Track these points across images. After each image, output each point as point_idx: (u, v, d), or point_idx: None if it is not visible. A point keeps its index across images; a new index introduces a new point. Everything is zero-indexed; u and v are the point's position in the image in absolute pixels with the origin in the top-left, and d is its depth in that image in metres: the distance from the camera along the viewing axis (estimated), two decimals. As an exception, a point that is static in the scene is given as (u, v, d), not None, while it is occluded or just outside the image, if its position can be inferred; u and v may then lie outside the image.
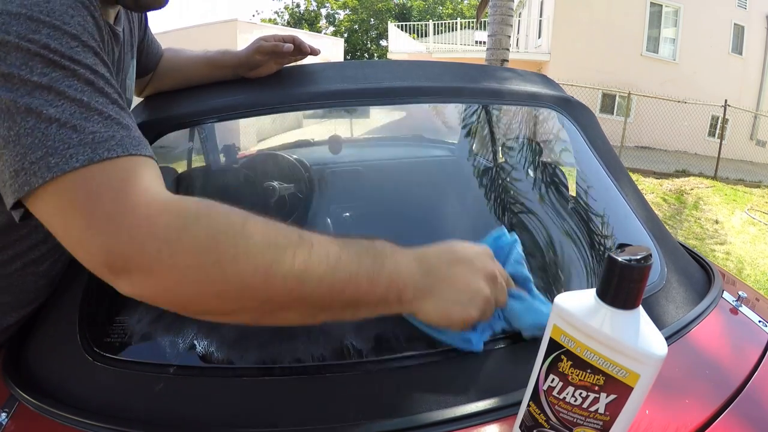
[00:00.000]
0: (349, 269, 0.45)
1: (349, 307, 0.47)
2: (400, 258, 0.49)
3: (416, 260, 0.51)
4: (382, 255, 0.48)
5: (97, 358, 0.65)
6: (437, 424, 0.56)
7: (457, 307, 0.51)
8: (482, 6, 6.48)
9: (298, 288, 0.43)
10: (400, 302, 0.49)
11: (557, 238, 0.92)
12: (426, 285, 0.50)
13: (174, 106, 0.97)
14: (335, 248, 0.46)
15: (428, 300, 0.50)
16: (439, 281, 0.50)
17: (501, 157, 1.18)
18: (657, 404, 0.59)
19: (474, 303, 0.51)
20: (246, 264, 0.42)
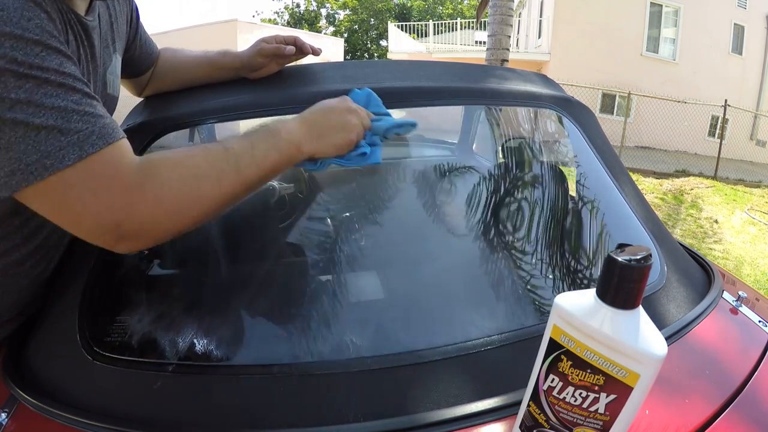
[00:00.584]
0: (263, 149, 0.65)
1: (272, 170, 0.66)
2: (290, 126, 0.69)
3: (300, 121, 0.70)
4: (278, 130, 0.67)
5: (97, 358, 0.65)
6: (437, 424, 0.56)
7: (339, 136, 0.71)
8: (482, 6, 6.47)
9: (241, 181, 0.62)
10: (301, 151, 0.68)
11: (557, 238, 0.92)
12: (313, 133, 0.70)
13: (174, 106, 0.97)
14: (249, 142, 0.64)
15: (319, 141, 0.70)
16: (320, 127, 0.70)
17: (501, 157, 1.18)
18: (657, 404, 0.59)
19: (348, 129, 0.72)
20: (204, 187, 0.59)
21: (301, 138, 0.68)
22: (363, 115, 0.76)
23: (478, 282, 0.87)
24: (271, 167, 0.65)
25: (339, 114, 0.72)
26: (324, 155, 0.71)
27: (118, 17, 0.85)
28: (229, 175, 0.61)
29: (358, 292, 0.85)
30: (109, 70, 0.82)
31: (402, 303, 0.84)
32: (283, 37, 0.94)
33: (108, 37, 0.81)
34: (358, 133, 0.73)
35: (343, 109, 0.73)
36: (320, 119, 0.71)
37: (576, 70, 10.93)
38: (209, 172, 0.60)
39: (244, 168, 0.62)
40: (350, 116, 0.73)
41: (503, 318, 0.79)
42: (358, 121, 0.73)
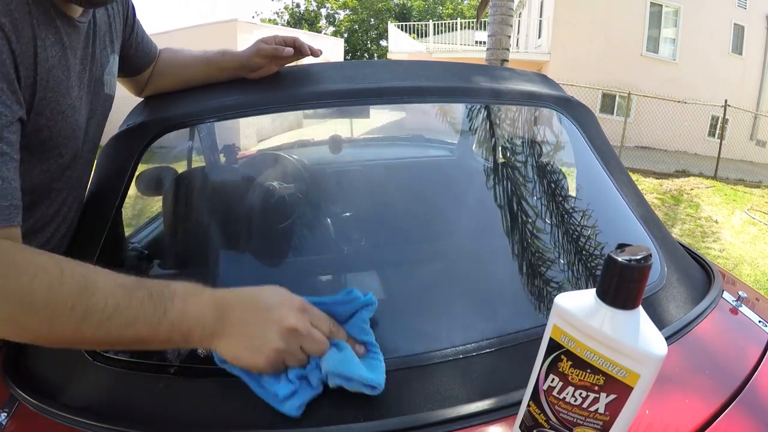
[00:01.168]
0: (125, 317, 0.49)
1: (136, 343, 0.52)
2: (192, 302, 0.53)
3: (213, 304, 0.54)
4: (171, 300, 0.52)
5: (97, 358, 0.65)
6: (437, 424, 0.56)
7: (246, 353, 0.53)
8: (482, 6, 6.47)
9: (78, 334, 0.49)
10: (188, 342, 0.53)
11: (557, 238, 0.92)
12: (216, 328, 0.53)
13: (174, 106, 0.97)
14: (116, 298, 0.49)
15: (220, 341, 0.53)
16: (230, 325, 0.53)
17: (501, 157, 1.18)
18: (657, 404, 0.59)
19: (261, 351, 0.53)
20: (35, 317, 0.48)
21: (195, 328, 0.52)
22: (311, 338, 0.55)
23: (477, 283, 0.87)
24: (132, 340, 0.51)
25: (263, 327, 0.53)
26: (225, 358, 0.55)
27: (116, 18, 0.86)
28: (65, 324, 0.48)
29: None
30: (107, 70, 0.83)
31: (401, 304, 0.84)
32: (282, 38, 0.93)
33: (106, 38, 0.81)
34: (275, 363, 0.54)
35: (277, 319, 0.54)
36: (236, 317, 0.54)
37: (576, 70, 10.93)
38: (42, 308, 0.48)
39: (88, 325, 0.49)
40: (278, 339, 0.53)
41: (503, 319, 0.79)
42: (288, 347, 0.54)
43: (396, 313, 0.81)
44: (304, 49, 0.94)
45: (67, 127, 0.69)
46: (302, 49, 0.94)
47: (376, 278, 0.86)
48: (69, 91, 0.68)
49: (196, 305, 0.53)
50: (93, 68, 0.76)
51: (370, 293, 0.64)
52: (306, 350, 0.56)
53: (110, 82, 0.85)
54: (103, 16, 0.79)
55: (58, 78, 0.65)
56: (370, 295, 0.63)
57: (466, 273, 0.90)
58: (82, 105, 0.74)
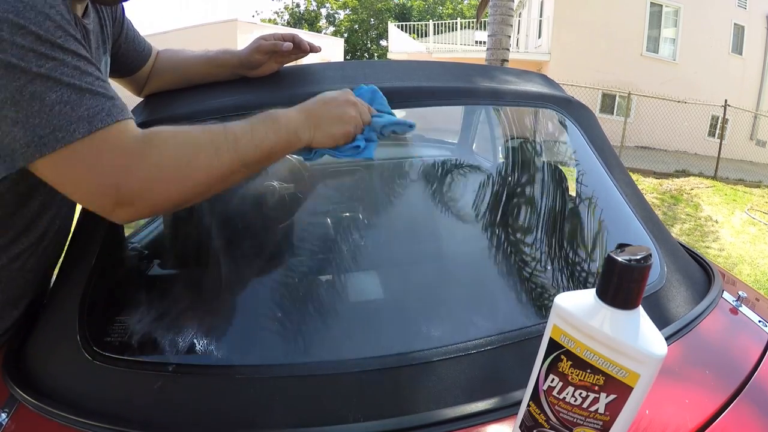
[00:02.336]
0: (261, 133, 0.67)
1: (269, 153, 0.68)
2: (290, 113, 0.71)
3: (300, 110, 0.72)
4: (277, 117, 0.69)
5: (97, 358, 0.65)
6: (437, 424, 0.56)
7: (336, 127, 0.73)
8: (482, 6, 6.47)
9: (236, 155, 0.64)
10: (299, 138, 0.70)
11: (557, 238, 0.92)
12: (311, 122, 0.71)
13: (174, 106, 0.97)
14: (249, 125, 0.67)
15: (317, 131, 0.72)
16: (318, 117, 0.72)
17: (501, 157, 1.18)
18: (657, 404, 0.59)
19: (345, 121, 0.73)
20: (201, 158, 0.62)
21: (299, 126, 0.70)
22: (363, 109, 0.77)
23: (477, 282, 0.87)
24: (269, 150, 0.67)
25: (338, 105, 0.73)
26: (320, 145, 0.73)
27: (107, 20, 0.90)
28: (227, 151, 0.63)
29: (358, 292, 0.85)
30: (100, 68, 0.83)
31: (402, 303, 0.84)
32: (282, 35, 0.93)
33: (99, 40, 0.86)
34: (356, 126, 0.75)
35: (343, 101, 0.74)
36: (319, 109, 0.73)
37: (576, 70, 10.93)
38: (208, 145, 0.63)
39: (242, 147, 0.64)
40: (349, 108, 0.74)
41: (503, 318, 0.79)
42: (357, 114, 0.75)
43: (396, 312, 0.81)
44: (303, 45, 0.94)
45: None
46: (301, 45, 0.94)
47: (376, 277, 0.86)
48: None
49: (294, 114, 0.71)
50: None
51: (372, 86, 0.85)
52: (364, 119, 0.76)
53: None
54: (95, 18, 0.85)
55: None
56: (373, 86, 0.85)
57: (467, 272, 0.90)
58: None
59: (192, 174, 0.62)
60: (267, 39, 0.93)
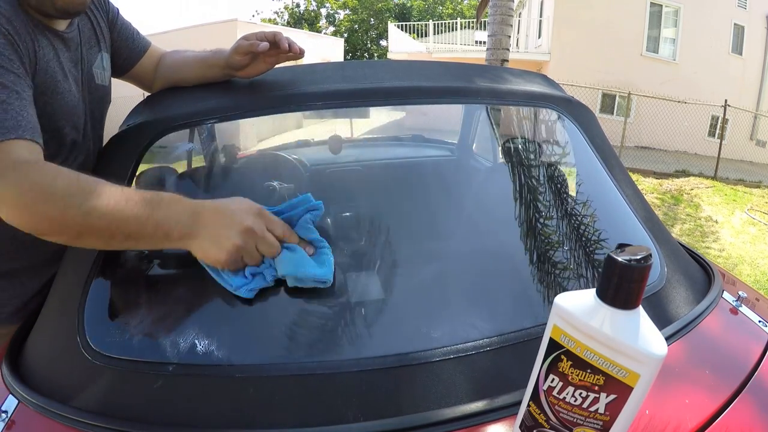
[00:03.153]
0: (123, 214, 0.62)
1: (129, 239, 0.64)
2: (174, 208, 0.65)
3: (190, 210, 0.66)
4: (158, 204, 0.64)
5: (97, 358, 0.65)
6: (437, 424, 0.56)
7: (212, 249, 0.65)
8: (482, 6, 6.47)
9: (85, 221, 0.62)
10: (169, 239, 0.65)
11: (557, 238, 0.92)
12: (191, 229, 0.64)
13: (174, 106, 0.98)
14: (117, 199, 0.63)
15: (193, 241, 0.65)
16: (201, 227, 0.65)
17: (501, 157, 1.18)
18: (657, 404, 0.59)
19: (224, 247, 0.64)
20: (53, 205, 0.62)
21: (173, 228, 0.64)
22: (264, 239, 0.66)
23: (477, 282, 0.87)
24: (125, 235, 0.63)
25: (227, 226, 0.65)
26: (195, 255, 0.66)
27: (100, 23, 1.00)
28: (75, 214, 0.61)
29: (358, 292, 0.85)
30: (95, 65, 0.96)
31: (402, 303, 0.84)
32: (264, 34, 0.92)
33: (92, 39, 0.96)
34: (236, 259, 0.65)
35: (236, 223, 0.65)
36: (207, 219, 0.65)
37: (576, 70, 10.93)
38: (59, 198, 0.61)
39: (93, 218, 0.61)
40: (237, 236, 0.65)
41: (503, 318, 0.79)
42: (245, 245, 0.65)
43: (396, 312, 0.81)
44: (282, 44, 0.90)
45: (66, 105, 0.85)
46: (280, 44, 0.90)
47: (376, 277, 0.86)
48: (65, 78, 0.86)
49: (177, 210, 0.65)
50: (83, 66, 0.93)
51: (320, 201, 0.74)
52: (261, 251, 0.66)
53: (101, 75, 0.98)
54: (86, 24, 0.95)
55: (55, 69, 0.82)
56: (320, 202, 0.74)
57: (467, 272, 0.90)
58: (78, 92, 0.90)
59: (32, 216, 0.62)
60: (248, 38, 0.92)
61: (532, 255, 0.89)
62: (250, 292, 0.65)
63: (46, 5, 0.79)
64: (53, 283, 0.80)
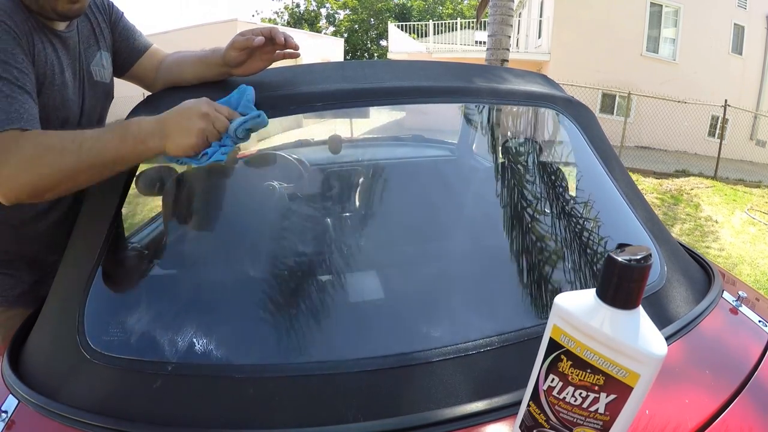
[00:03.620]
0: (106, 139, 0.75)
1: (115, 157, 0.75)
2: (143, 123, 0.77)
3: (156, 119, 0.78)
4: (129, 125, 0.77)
5: (97, 357, 0.65)
6: (437, 424, 0.56)
7: (182, 139, 0.76)
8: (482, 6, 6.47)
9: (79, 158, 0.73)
10: (147, 148, 0.76)
11: (557, 238, 0.92)
12: (161, 131, 0.76)
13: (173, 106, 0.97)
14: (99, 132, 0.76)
15: (166, 139, 0.76)
16: (168, 127, 0.77)
17: (501, 157, 1.18)
18: (657, 404, 0.59)
19: (191, 132, 0.76)
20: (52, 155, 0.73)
21: (148, 135, 0.76)
22: (218, 118, 0.79)
23: (477, 282, 0.87)
24: (114, 155, 0.75)
25: (188, 118, 0.77)
26: (172, 153, 0.77)
27: (100, 23, 1.04)
28: (71, 153, 0.73)
29: (358, 292, 0.85)
30: (94, 62, 1.01)
31: (402, 303, 0.84)
32: (260, 29, 0.92)
33: (91, 38, 1.01)
34: (202, 138, 0.77)
35: (194, 113, 0.78)
36: (170, 120, 0.78)
37: (576, 70, 10.92)
38: (55, 146, 0.73)
39: (84, 151, 0.73)
40: (198, 120, 0.77)
41: (503, 318, 0.79)
42: (206, 126, 0.77)
43: (396, 312, 0.81)
44: (279, 38, 0.92)
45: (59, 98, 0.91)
46: (276, 38, 0.92)
47: (376, 277, 0.86)
48: (62, 73, 0.91)
49: (147, 123, 0.77)
50: (81, 63, 0.98)
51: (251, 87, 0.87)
52: (217, 127, 0.79)
53: (100, 72, 1.03)
54: (86, 25, 1.00)
55: (52, 62, 0.88)
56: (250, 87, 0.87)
57: (467, 272, 0.90)
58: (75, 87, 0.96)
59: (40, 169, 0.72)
60: (244, 34, 0.92)
61: (532, 255, 0.89)
62: (223, 155, 0.78)
63: (47, 10, 0.85)
64: (53, 282, 0.80)
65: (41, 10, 0.85)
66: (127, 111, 1.03)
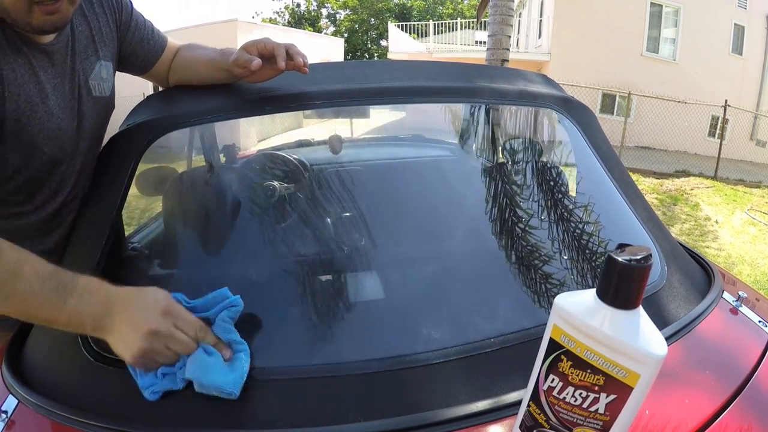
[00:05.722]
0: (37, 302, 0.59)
1: (47, 323, 0.61)
2: (87, 300, 0.61)
3: (104, 302, 0.61)
4: (71, 293, 0.60)
5: (97, 358, 0.65)
6: (437, 424, 0.56)
7: (121, 348, 0.60)
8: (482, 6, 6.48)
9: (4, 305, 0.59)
10: (84, 331, 0.62)
11: (557, 238, 0.92)
12: (104, 323, 0.61)
13: (174, 106, 0.98)
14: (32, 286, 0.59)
15: (107, 335, 0.61)
16: (113, 323, 0.61)
17: (501, 157, 1.18)
18: (657, 404, 0.59)
19: (130, 349, 0.60)
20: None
21: (86, 320, 0.60)
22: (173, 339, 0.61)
23: (477, 283, 0.87)
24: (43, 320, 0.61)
25: (134, 325, 0.60)
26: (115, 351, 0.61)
27: (102, 28, 0.92)
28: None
29: (359, 293, 0.85)
30: (92, 77, 0.89)
31: (402, 305, 0.84)
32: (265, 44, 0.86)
33: (88, 50, 0.88)
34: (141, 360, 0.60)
35: (143, 322, 0.60)
36: (118, 315, 0.61)
37: (576, 70, 10.92)
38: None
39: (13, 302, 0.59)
40: (142, 336, 0.60)
41: (503, 319, 0.79)
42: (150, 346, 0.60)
43: (396, 312, 0.81)
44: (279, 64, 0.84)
45: (46, 129, 0.79)
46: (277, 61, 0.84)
47: (376, 278, 0.86)
48: (45, 101, 0.78)
49: (90, 303, 0.61)
50: (74, 78, 0.85)
51: (237, 296, 0.66)
52: (173, 350, 0.61)
53: (100, 86, 0.91)
54: (84, 30, 0.87)
55: (31, 92, 0.75)
56: (237, 297, 0.66)
57: (467, 273, 0.90)
58: (65, 110, 0.84)
59: None
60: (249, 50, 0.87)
61: (533, 255, 0.89)
62: (154, 394, 0.60)
63: (21, 25, 0.72)
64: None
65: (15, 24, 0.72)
66: (126, 111, 1.03)
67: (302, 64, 0.85)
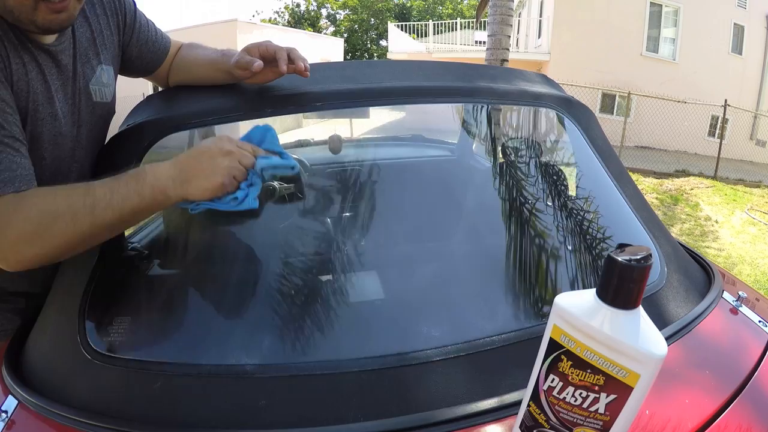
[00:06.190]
0: (121, 195, 0.67)
1: (133, 214, 0.68)
2: (159, 170, 0.69)
3: (173, 164, 0.70)
4: (144, 175, 0.68)
5: (97, 357, 0.65)
6: (437, 424, 0.56)
7: (208, 182, 0.69)
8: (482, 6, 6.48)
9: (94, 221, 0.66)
10: (168, 196, 0.69)
11: (557, 238, 0.92)
12: (181, 177, 0.69)
13: (174, 106, 0.98)
14: (110, 186, 0.67)
15: (187, 186, 0.69)
16: (189, 170, 0.69)
17: (501, 157, 1.18)
18: (657, 404, 0.59)
19: (217, 173, 0.69)
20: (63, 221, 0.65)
21: (168, 183, 0.68)
22: (242, 155, 0.72)
23: (477, 282, 0.87)
24: (131, 211, 0.68)
25: (210, 158, 0.70)
26: (196, 199, 0.70)
27: (103, 31, 0.89)
28: (85, 215, 0.65)
29: (359, 292, 0.85)
30: (93, 81, 0.87)
31: (402, 303, 0.84)
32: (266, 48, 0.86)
33: (89, 53, 0.86)
34: (230, 177, 0.70)
35: (216, 152, 0.70)
36: (191, 163, 0.70)
37: (576, 70, 10.92)
38: (65, 213, 0.65)
39: (99, 212, 0.66)
40: (222, 159, 0.70)
41: (503, 318, 0.79)
42: (232, 164, 0.70)
43: (396, 312, 0.81)
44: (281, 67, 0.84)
45: (47, 133, 0.78)
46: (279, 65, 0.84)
47: (376, 278, 0.86)
48: (50, 101, 0.77)
49: (162, 169, 0.69)
50: (76, 82, 0.83)
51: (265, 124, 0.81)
52: (243, 164, 0.72)
53: (100, 91, 0.89)
54: (85, 32, 0.85)
55: (38, 90, 0.75)
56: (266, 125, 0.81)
57: (467, 272, 0.90)
58: (66, 115, 0.82)
59: (51, 240, 0.65)
60: (251, 52, 0.87)
61: (533, 255, 0.89)
62: (255, 200, 0.72)
63: (25, 23, 0.70)
64: (53, 282, 0.80)
65: (18, 23, 0.70)
66: (126, 111, 1.03)
67: (303, 68, 0.86)
